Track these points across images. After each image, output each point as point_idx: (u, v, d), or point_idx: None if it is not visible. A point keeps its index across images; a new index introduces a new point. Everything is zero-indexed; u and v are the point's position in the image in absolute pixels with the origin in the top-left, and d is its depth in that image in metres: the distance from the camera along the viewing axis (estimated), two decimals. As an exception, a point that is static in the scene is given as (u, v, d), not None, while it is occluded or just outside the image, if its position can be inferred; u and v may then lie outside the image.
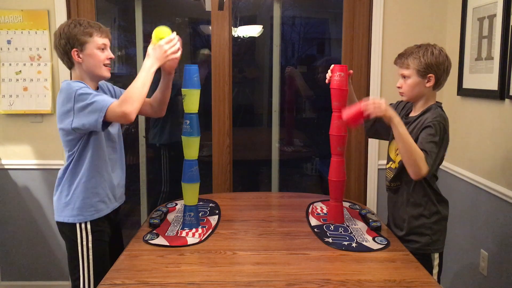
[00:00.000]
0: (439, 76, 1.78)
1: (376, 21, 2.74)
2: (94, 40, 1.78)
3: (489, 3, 2.24)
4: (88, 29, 1.77)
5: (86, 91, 1.70)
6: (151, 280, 1.45)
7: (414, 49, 1.80)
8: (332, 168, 1.94)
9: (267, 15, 4.32)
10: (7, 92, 2.71)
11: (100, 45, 1.79)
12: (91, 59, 1.78)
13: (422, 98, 1.83)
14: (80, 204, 1.81)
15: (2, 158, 2.78)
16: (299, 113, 4.76)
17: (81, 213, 1.82)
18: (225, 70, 2.82)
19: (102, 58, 1.80)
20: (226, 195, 2.66)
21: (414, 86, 1.80)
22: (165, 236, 1.80)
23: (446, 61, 1.79)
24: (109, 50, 1.84)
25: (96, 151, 1.81)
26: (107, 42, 1.83)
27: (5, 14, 2.67)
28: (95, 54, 1.78)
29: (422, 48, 1.79)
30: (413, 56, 1.78)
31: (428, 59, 1.76)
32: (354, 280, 1.45)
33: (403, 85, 1.83)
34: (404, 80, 1.82)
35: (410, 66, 1.79)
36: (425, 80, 1.78)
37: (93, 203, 1.83)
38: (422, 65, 1.76)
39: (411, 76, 1.80)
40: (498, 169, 2.20)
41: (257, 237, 1.82)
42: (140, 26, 3.02)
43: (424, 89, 1.80)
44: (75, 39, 1.76)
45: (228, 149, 2.89)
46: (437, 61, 1.76)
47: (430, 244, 1.81)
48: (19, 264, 2.85)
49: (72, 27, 1.77)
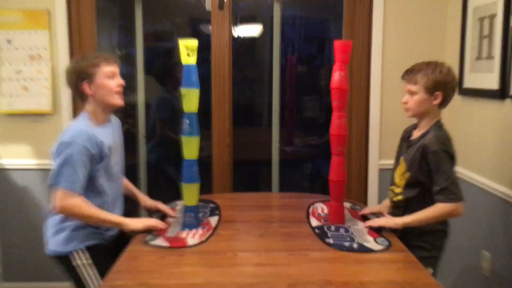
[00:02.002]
0: (447, 94, 1.78)
1: (376, 21, 2.73)
2: (102, 69, 1.80)
3: (490, 2, 2.24)
4: (95, 60, 1.81)
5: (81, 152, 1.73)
6: (151, 282, 1.45)
7: (423, 66, 1.80)
8: (333, 168, 1.94)
9: (267, 15, 4.32)
10: (7, 92, 2.71)
11: (109, 73, 1.82)
12: (102, 89, 1.81)
13: (426, 116, 1.83)
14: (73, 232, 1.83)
15: (2, 158, 2.78)
16: (299, 113, 4.76)
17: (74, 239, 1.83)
18: (225, 70, 2.82)
19: (113, 86, 1.82)
20: (226, 196, 2.66)
21: (421, 102, 1.80)
22: (165, 237, 1.79)
23: (454, 80, 1.80)
24: (119, 77, 1.85)
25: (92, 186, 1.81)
26: (116, 69, 1.85)
27: (5, 14, 2.66)
28: (105, 83, 1.81)
29: (431, 65, 1.79)
30: (422, 73, 1.78)
31: (436, 76, 1.75)
32: (356, 281, 1.45)
33: (410, 101, 1.83)
34: (411, 96, 1.82)
35: (418, 82, 1.78)
36: (432, 98, 1.78)
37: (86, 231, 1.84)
38: (431, 82, 1.76)
39: (418, 92, 1.79)
40: (499, 168, 2.20)
41: (258, 238, 1.82)
42: (140, 26, 3.01)
43: (430, 106, 1.80)
44: (84, 72, 1.79)
45: (228, 149, 2.88)
46: (445, 79, 1.77)
47: (426, 258, 1.76)
48: (20, 265, 2.85)
49: (79, 61, 1.82)
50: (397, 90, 2.77)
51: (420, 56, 2.71)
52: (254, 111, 5.10)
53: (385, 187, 2.80)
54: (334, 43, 1.87)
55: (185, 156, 1.86)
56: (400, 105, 2.85)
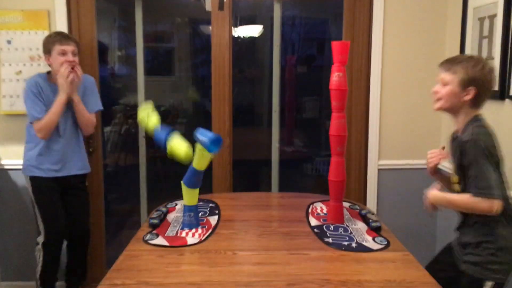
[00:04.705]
0: (481, 92, 1.68)
1: (377, 21, 2.73)
2: (56, 47, 2.34)
3: (490, 3, 2.24)
4: (53, 39, 2.36)
5: (29, 89, 2.36)
6: (151, 280, 1.45)
7: (466, 58, 1.73)
8: (332, 168, 1.94)
9: (267, 15, 4.32)
10: (7, 93, 2.71)
11: (60, 51, 2.33)
12: (54, 62, 2.36)
13: (458, 113, 1.73)
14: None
15: (2, 158, 2.78)
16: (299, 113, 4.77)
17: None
18: (225, 70, 2.82)
19: (61, 61, 2.32)
20: (226, 195, 2.66)
21: (451, 95, 1.70)
22: (165, 236, 1.80)
23: (491, 81, 1.71)
24: (69, 55, 2.34)
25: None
26: (68, 48, 2.34)
27: (5, 14, 2.66)
28: (56, 58, 2.34)
29: (474, 59, 1.71)
30: (463, 65, 1.68)
31: (476, 72, 1.66)
32: (354, 280, 1.45)
33: (441, 91, 1.73)
34: (443, 87, 1.72)
35: (456, 72, 1.68)
36: (463, 93, 1.68)
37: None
38: (468, 76, 1.66)
39: (451, 83, 1.69)
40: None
41: (257, 237, 1.82)
42: (140, 26, 3.01)
43: (460, 102, 1.70)
44: (45, 47, 2.39)
45: (228, 149, 2.88)
46: (483, 77, 1.67)
47: (486, 265, 1.65)
48: (19, 264, 2.85)
49: (46, 38, 2.41)
50: (397, 90, 2.79)
51: (420, 56, 2.74)
52: (254, 111, 5.11)
53: (385, 187, 2.83)
54: (332, 44, 1.88)
55: (194, 165, 1.82)
56: (400, 105, 2.86)
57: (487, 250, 1.66)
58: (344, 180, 1.95)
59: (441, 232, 2.78)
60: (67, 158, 2.46)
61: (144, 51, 3.10)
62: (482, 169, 1.60)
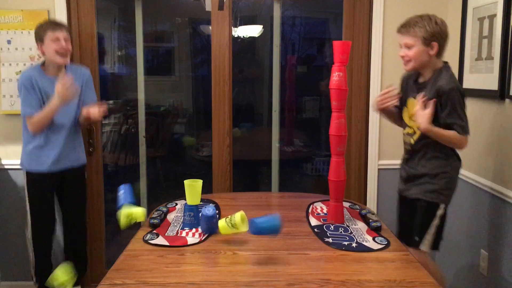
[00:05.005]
0: (442, 43, 1.93)
1: (376, 21, 2.73)
2: (48, 34, 2.30)
3: (489, 3, 2.24)
4: (44, 26, 2.33)
5: (22, 84, 2.34)
6: (151, 280, 1.45)
7: (418, 19, 1.93)
8: (332, 168, 1.94)
9: (267, 15, 4.32)
10: (8, 92, 2.71)
11: (53, 38, 2.30)
12: (47, 50, 2.32)
13: (427, 66, 1.96)
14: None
15: (2, 158, 2.78)
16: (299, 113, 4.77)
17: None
18: (225, 70, 2.82)
19: (54, 48, 2.30)
20: (226, 195, 2.66)
21: (419, 54, 1.92)
22: (165, 236, 1.80)
23: (447, 29, 1.96)
24: (62, 41, 2.30)
25: None
26: (60, 34, 2.31)
27: (5, 14, 2.67)
28: (49, 45, 2.30)
29: (425, 18, 1.92)
30: (419, 25, 1.91)
31: (433, 28, 1.89)
32: (354, 280, 1.45)
33: (408, 54, 1.94)
34: (408, 49, 1.94)
35: (416, 34, 1.91)
36: (428, 48, 1.91)
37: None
38: (428, 33, 1.89)
39: (415, 44, 1.91)
40: (498, 168, 2.20)
41: (257, 237, 1.82)
42: (140, 26, 3.02)
43: (428, 57, 1.92)
44: (38, 35, 2.34)
45: (228, 149, 2.88)
46: (441, 30, 1.91)
47: (441, 191, 1.95)
48: (19, 264, 2.85)
49: (38, 27, 2.36)
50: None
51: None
52: (254, 111, 5.11)
53: (385, 187, 2.83)
54: (333, 43, 1.88)
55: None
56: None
57: (443, 179, 1.96)
58: (344, 180, 1.95)
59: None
60: (65, 151, 2.44)
61: (144, 51, 3.11)
62: (463, 111, 1.90)
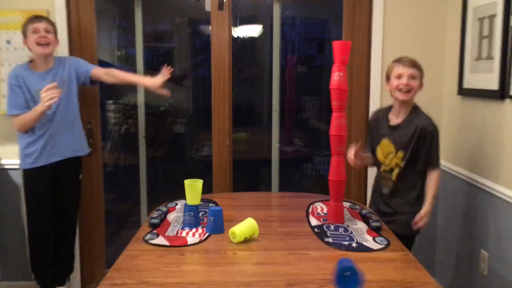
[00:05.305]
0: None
1: (376, 21, 2.73)
2: (29, 26, 2.33)
3: (489, 3, 2.24)
4: (26, 20, 2.36)
5: (9, 82, 2.37)
6: (151, 280, 1.45)
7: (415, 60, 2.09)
8: (332, 168, 1.94)
9: (267, 15, 4.32)
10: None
11: (33, 29, 2.32)
12: (29, 42, 2.34)
13: (409, 103, 2.09)
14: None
15: (2, 158, 2.78)
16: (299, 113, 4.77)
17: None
18: (225, 70, 2.82)
19: (34, 38, 2.31)
20: (226, 195, 2.66)
21: (417, 88, 2.05)
22: (165, 236, 1.79)
23: None
24: (41, 32, 2.31)
25: None
26: (39, 26, 2.33)
27: (5, 14, 2.66)
28: (30, 37, 2.33)
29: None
30: (417, 62, 2.07)
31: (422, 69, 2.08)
32: (354, 280, 1.45)
33: (412, 84, 2.04)
34: (413, 79, 2.04)
35: (419, 68, 2.06)
36: (420, 86, 2.07)
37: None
38: (422, 72, 2.07)
39: (417, 78, 2.05)
40: (498, 168, 2.20)
41: (257, 237, 1.82)
42: (140, 26, 3.01)
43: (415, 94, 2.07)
44: (23, 31, 2.36)
45: (228, 149, 2.88)
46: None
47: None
48: (19, 264, 2.85)
49: (23, 24, 2.38)
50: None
51: (420, 56, 2.73)
52: (254, 111, 5.11)
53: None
54: (333, 43, 1.88)
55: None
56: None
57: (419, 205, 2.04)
58: (344, 180, 1.95)
59: (441, 232, 2.78)
60: (58, 143, 2.43)
61: (144, 51, 3.10)
62: (438, 149, 2.05)
